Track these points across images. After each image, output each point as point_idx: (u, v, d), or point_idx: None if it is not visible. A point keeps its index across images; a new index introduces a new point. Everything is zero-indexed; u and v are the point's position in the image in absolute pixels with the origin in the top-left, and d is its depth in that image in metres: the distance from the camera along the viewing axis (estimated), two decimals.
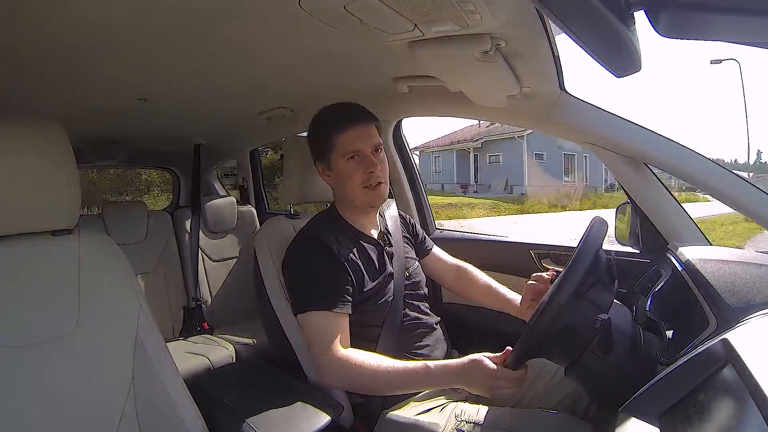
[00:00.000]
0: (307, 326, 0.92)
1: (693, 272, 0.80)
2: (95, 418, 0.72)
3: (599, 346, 0.71)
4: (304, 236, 1.00)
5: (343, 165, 0.97)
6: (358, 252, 0.98)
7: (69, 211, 0.75)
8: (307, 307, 0.92)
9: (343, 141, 0.97)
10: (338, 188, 1.03)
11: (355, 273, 0.95)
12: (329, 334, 0.89)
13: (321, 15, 0.78)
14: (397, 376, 0.86)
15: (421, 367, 0.86)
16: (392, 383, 0.87)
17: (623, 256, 1.17)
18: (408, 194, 1.61)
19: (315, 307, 0.91)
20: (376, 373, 0.87)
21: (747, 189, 0.99)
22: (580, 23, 0.46)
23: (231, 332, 1.83)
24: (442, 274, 1.23)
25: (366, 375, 0.87)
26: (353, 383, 0.91)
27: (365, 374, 0.87)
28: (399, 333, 0.99)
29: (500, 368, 0.80)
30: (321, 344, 0.89)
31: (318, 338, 0.90)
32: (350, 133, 0.97)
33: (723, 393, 0.51)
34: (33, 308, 0.71)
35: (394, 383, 0.87)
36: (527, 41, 0.84)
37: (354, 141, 0.97)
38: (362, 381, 0.89)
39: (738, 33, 0.43)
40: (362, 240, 1.02)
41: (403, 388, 0.89)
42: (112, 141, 2.09)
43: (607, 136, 1.10)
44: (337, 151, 0.98)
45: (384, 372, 0.86)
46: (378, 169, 0.98)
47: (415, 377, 0.86)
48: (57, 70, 1.08)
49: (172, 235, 2.00)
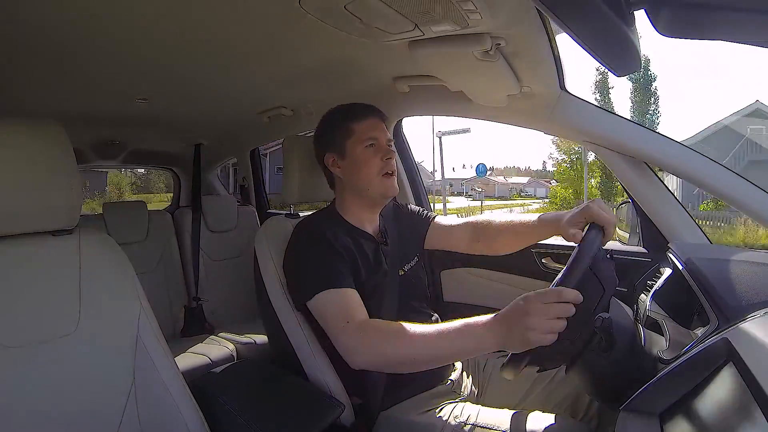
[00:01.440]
0: (319, 310, 0.88)
1: (694, 271, 0.80)
2: (96, 418, 0.72)
3: (600, 345, 0.71)
4: (300, 231, 0.99)
5: (361, 152, 0.98)
6: (354, 245, 0.97)
7: (69, 211, 0.76)
8: (313, 291, 0.88)
9: (362, 128, 0.98)
10: (351, 177, 1.00)
11: (353, 263, 0.94)
12: (343, 307, 0.85)
13: (321, 15, 0.78)
14: (428, 335, 0.76)
15: (456, 324, 0.74)
16: (426, 343, 0.76)
17: (624, 254, 1.17)
18: (408, 191, 1.61)
19: (320, 288, 0.87)
20: (404, 332, 0.78)
21: (747, 188, 0.99)
22: (580, 22, 0.46)
23: (232, 332, 1.82)
24: (455, 239, 1.14)
25: (394, 336, 0.78)
26: (384, 349, 0.79)
27: (392, 336, 0.79)
28: None
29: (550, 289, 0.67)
30: (337, 319, 0.84)
31: (332, 315, 0.85)
32: (369, 121, 1.00)
33: (723, 391, 0.51)
34: (33, 308, 0.71)
35: (428, 343, 0.76)
36: (527, 40, 0.84)
37: (372, 129, 0.99)
38: (391, 345, 0.78)
39: (738, 32, 0.43)
40: (358, 235, 1.01)
41: (440, 348, 0.75)
42: (113, 141, 2.09)
43: (607, 135, 1.10)
44: (355, 137, 0.98)
45: (414, 332, 0.77)
46: (393, 158, 1.00)
47: (452, 333, 0.74)
48: (57, 70, 1.09)
49: (173, 235, 2.01)
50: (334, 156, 1.01)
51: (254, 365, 1.13)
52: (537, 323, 0.63)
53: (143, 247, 1.88)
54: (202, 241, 2.02)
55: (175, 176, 2.72)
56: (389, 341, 0.79)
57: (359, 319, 0.83)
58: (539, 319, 0.63)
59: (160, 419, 0.76)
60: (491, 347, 0.70)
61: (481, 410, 0.89)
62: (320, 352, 0.96)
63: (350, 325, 0.82)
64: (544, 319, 0.63)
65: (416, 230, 1.14)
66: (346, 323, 0.82)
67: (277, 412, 0.86)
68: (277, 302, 1.00)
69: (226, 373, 1.03)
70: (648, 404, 0.60)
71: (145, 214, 1.93)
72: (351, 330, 0.82)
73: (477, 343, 0.71)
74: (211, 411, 0.83)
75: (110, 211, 1.89)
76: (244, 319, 1.94)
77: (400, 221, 1.13)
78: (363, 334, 0.81)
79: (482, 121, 1.32)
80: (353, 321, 0.83)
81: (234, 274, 2.07)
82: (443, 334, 0.74)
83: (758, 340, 0.53)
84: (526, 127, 1.24)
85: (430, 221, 1.16)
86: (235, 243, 2.12)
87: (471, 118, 1.32)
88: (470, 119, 1.42)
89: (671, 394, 0.58)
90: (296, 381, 0.96)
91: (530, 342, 0.64)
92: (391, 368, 0.83)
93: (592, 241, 0.75)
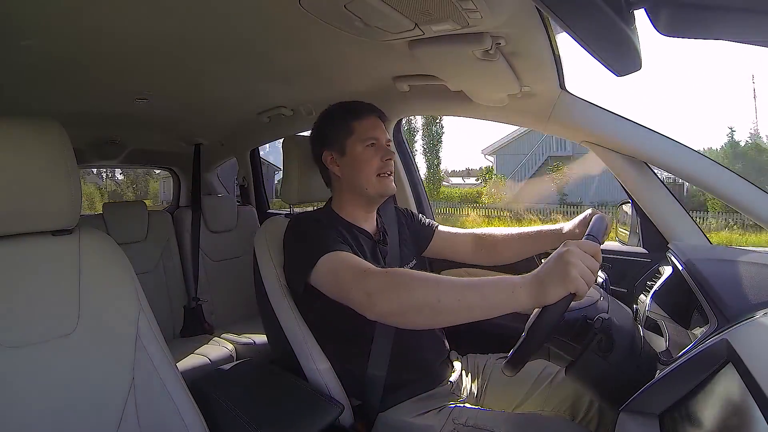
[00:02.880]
0: (327, 272, 0.83)
1: (693, 272, 0.80)
2: (95, 418, 0.72)
3: (600, 345, 0.71)
4: (293, 223, 0.98)
5: (361, 150, 0.98)
6: (351, 238, 0.97)
7: (69, 211, 0.75)
8: (317, 256, 0.83)
9: (362, 127, 0.98)
10: (349, 176, 0.99)
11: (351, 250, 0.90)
12: (353, 263, 0.81)
13: (321, 14, 0.78)
14: (455, 282, 0.70)
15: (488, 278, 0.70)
16: (452, 289, 0.69)
17: (624, 255, 1.16)
18: (408, 192, 1.61)
19: (323, 252, 0.83)
20: (429, 277, 0.73)
21: (747, 188, 0.99)
22: (580, 22, 0.46)
23: (231, 332, 1.83)
24: (458, 248, 1.14)
25: (417, 279, 0.73)
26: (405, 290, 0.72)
27: (416, 278, 0.73)
28: (395, 333, 0.98)
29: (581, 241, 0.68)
30: (352, 271, 0.79)
31: (345, 269, 0.80)
32: (370, 121, 1.00)
33: (723, 392, 0.51)
34: (33, 308, 0.71)
35: (454, 290, 0.69)
36: (528, 40, 0.84)
37: (373, 128, 0.99)
38: (414, 286, 0.71)
39: (738, 32, 0.43)
40: (356, 231, 1.01)
41: (466, 298, 0.68)
42: (113, 141, 2.09)
43: (607, 135, 1.10)
44: (356, 136, 0.98)
45: (440, 278, 0.72)
46: (393, 159, 1.00)
47: (482, 284, 0.69)
48: (57, 70, 1.09)
49: (173, 235, 2.01)
50: (332, 154, 1.00)
51: (254, 365, 1.13)
52: (577, 261, 0.63)
53: (143, 247, 1.88)
54: (201, 241, 2.02)
55: (175, 176, 2.72)
56: (412, 281, 0.72)
57: (376, 269, 0.78)
58: (578, 260, 0.63)
59: (160, 419, 0.76)
60: (524, 302, 0.65)
61: (481, 411, 0.88)
62: (319, 353, 0.96)
63: (368, 272, 0.77)
64: (581, 263, 0.63)
65: (418, 236, 1.15)
66: (363, 272, 0.77)
67: (275, 413, 0.86)
68: (277, 302, 0.99)
69: (226, 373, 1.03)
70: (648, 405, 0.60)
71: (145, 214, 1.93)
72: (371, 275, 0.76)
73: (509, 297, 0.66)
74: (210, 411, 0.83)
75: (110, 211, 1.89)
76: (243, 320, 1.94)
77: (401, 224, 1.14)
78: (384, 277, 0.75)
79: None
80: (370, 269, 0.78)
81: (234, 274, 2.07)
82: (474, 283, 0.69)
83: (758, 341, 0.53)
84: (526, 126, 1.24)
85: (434, 230, 1.17)
86: (235, 243, 2.12)
87: (471, 118, 1.32)
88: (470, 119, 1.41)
89: (671, 394, 0.58)
90: (295, 381, 0.96)
91: (569, 277, 0.62)
92: (412, 315, 0.72)
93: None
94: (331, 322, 0.94)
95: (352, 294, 0.78)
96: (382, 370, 0.93)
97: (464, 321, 0.69)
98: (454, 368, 1.05)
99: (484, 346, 1.12)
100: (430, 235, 1.16)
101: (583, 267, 0.63)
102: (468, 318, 0.69)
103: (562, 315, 0.66)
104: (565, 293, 0.63)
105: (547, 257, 1.30)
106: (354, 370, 0.94)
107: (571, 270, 0.62)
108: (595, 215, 0.86)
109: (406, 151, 1.65)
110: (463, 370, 1.07)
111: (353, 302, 0.77)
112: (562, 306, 0.63)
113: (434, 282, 0.71)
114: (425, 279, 0.73)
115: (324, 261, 0.83)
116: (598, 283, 0.90)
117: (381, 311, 0.74)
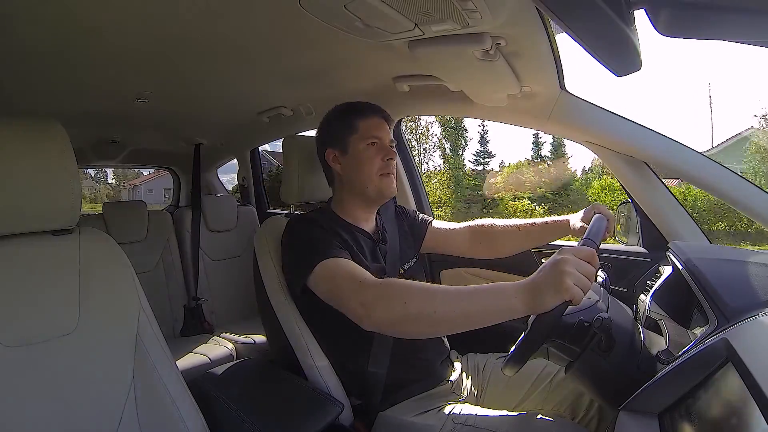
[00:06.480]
0: (324, 279, 0.84)
1: (693, 271, 0.80)
2: (96, 417, 0.72)
3: (599, 344, 0.71)
4: (293, 223, 0.98)
5: (363, 149, 0.98)
6: (351, 240, 0.97)
7: (69, 210, 0.75)
8: (316, 261, 0.84)
9: (366, 126, 0.99)
10: (350, 174, 1.00)
11: (350, 252, 0.91)
12: (351, 271, 0.81)
13: (321, 14, 0.78)
14: (451, 291, 0.71)
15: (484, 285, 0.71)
16: (448, 298, 0.70)
17: (624, 255, 1.16)
18: (408, 192, 1.61)
19: (321, 257, 0.84)
20: (425, 287, 0.74)
21: (747, 188, 0.99)
22: (580, 22, 0.46)
23: (231, 331, 1.83)
24: (453, 242, 1.14)
25: (413, 289, 0.73)
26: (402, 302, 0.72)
27: (412, 288, 0.74)
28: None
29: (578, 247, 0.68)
30: (349, 280, 0.80)
31: (343, 277, 0.81)
32: (374, 120, 1.00)
33: (722, 391, 0.51)
34: (33, 308, 0.71)
35: (450, 299, 0.70)
36: (527, 40, 0.84)
37: (376, 128, 0.99)
38: (410, 298, 0.72)
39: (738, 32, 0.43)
40: (355, 231, 1.01)
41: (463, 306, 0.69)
42: (112, 140, 2.09)
43: (607, 135, 1.10)
44: (359, 134, 0.98)
45: (436, 288, 0.73)
46: (394, 160, 1.00)
47: (478, 292, 0.70)
48: (57, 69, 1.08)
49: (173, 235, 2.01)
50: (335, 152, 1.00)
51: (253, 365, 1.13)
52: (572, 270, 0.63)
53: (143, 247, 1.88)
54: (201, 241, 2.03)
55: (175, 176, 2.72)
56: (408, 293, 0.73)
57: (372, 279, 0.78)
58: (573, 268, 0.63)
59: (160, 418, 0.76)
60: (519, 310, 0.66)
61: (480, 411, 0.88)
62: (319, 352, 0.96)
63: (364, 283, 0.78)
64: (576, 271, 0.63)
65: (414, 233, 1.15)
66: (359, 283, 0.78)
67: (275, 412, 0.86)
68: (277, 302, 1.00)
69: (226, 372, 1.03)
70: (647, 404, 0.60)
71: (145, 213, 1.93)
72: (367, 286, 0.77)
73: (505, 305, 0.66)
74: (210, 410, 0.83)
75: (110, 210, 1.90)
76: (243, 319, 1.95)
77: (401, 223, 1.14)
78: (379, 288, 0.76)
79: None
80: (366, 281, 0.78)
81: (234, 273, 2.07)
82: (469, 291, 0.70)
83: (758, 341, 0.53)
84: (526, 126, 1.24)
85: (427, 225, 1.16)
86: (235, 243, 2.12)
87: (471, 118, 1.32)
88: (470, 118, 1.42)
89: (670, 394, 0.58)
90: (295, 380, 0.96)
91: (564, 286, 0.62)
92: (408, 325, 0.73)
93: (601, 219, 0.82)
94: (331, 321, 0.93)
95: (347, 304, 0.79)
96: (383, 369, 0.93)
97: (461, 330, 0.71)
98: (454, 368, 1.05)
99: (484, 346, 1.12)
100: (424, 231, 1.16)
101: (578, 275, 0.63)
102: (465, 327, 0.70)
103: (558, 319, 0.66)
104: (560, 301, 0.63)
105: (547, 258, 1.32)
106: (354, 369, 0.94)
107: (565, 279, 0.62)
108: (595, 215, 0.86)
109: (406, 151, 1.65)
110: (463, 369, 1.07)
111: (349, 312, 0.79)
112: (558, 312, 0.64)
113: (430, 293, 0.72)
114: (420, 290, 0.74)
115: (322, 267, 0.84)
116: (598, 282, 0.89)
117: (376, 323, 0.75)
